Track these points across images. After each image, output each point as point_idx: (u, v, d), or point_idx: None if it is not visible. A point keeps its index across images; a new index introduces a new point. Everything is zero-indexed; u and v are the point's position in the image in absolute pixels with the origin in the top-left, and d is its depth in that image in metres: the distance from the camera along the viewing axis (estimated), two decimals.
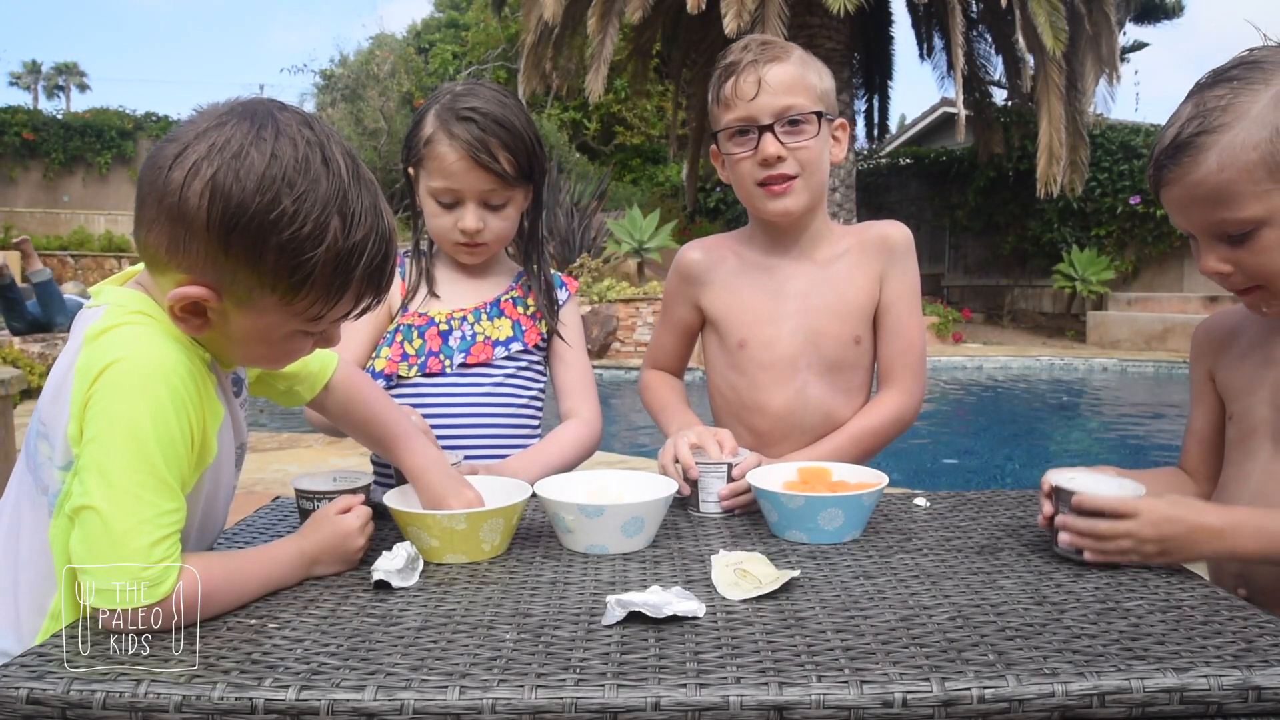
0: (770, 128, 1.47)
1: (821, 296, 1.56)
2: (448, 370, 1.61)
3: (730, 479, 1.33)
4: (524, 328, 1.67)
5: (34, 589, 1.00)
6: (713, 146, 1.58)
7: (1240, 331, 1.29)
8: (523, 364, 1.67)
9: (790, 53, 1.50)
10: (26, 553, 1.01)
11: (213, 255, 0.91)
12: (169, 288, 0.95)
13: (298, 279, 0.93)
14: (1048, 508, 1.14)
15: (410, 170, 1.60)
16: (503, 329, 1.65)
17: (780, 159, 1.47)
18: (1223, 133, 1.04)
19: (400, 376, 1.62)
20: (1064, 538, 1.09)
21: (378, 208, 0.97)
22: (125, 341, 0.93)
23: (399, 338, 1.63)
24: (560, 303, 1.70)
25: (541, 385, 1.72)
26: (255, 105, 0.95)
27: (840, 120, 1.55)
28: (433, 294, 1.66)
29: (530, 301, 1.68)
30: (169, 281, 0.95)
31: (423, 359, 1.61)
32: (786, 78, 1.47)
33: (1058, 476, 1.14)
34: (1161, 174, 1.11)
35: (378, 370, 1.62)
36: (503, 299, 1.67)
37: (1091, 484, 1.12)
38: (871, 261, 1.56)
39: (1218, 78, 1.09)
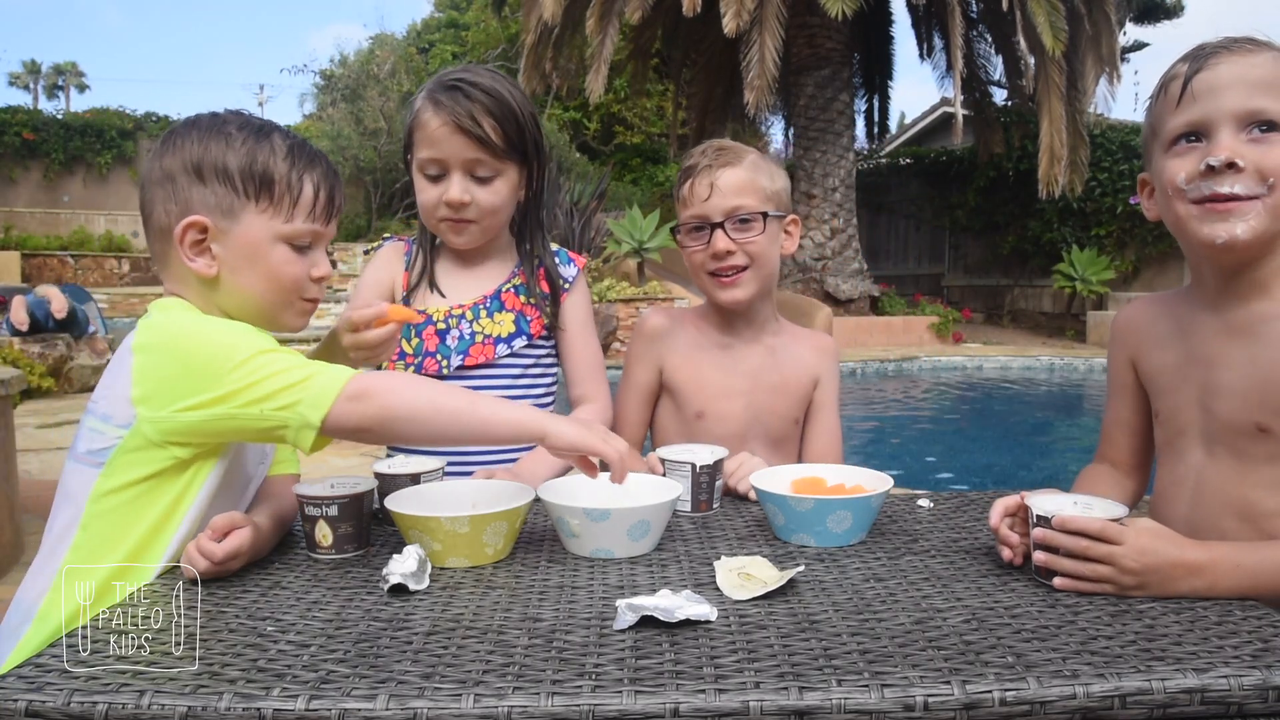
0: (721, 225, 1.58)
1: (769, 376, 1.68)
2: (445, 372, 1.57)
3: (695, 477, 1.35)
4: (529, 318, 1.62)
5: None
6: (677, 235, 1.68)
7: (1158, 321, 1.28)
8: (531, 360, 1.63)
9: (743, 158, 1.61)
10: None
11: (192, 188, 1.14)
12: (184, 272, 1.17)
13: (257, 169, 1.15)
14: (995, 519, 1.11)
15: (409, 158, 1.56)
16: (504, 324, 1.60)
17: (730, 253, 1.59)
18: (1274, 44, 1.12)
19: None
20: (1039, 556, 1.03)
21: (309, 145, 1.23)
22: (167, 310, 1.16)
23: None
24: (568, 280, 1.68)
25: (555, 374, 1.68)
26: None
27: (792, 216, 1.67)
28: (433, 288, 1.61)
29: (536, 286, 1.64)
30: (180, 266, 1.17)
31: (419, 359, 1.57)
32: (736, 181, 1.58)
33: (1036, 499, 1.07)
34: (1210, 56, 1.12)
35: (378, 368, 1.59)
36: (504, 289, 1.63)
37: (1070, 507, 1.05)
38: (809, 357, 1.71)
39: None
